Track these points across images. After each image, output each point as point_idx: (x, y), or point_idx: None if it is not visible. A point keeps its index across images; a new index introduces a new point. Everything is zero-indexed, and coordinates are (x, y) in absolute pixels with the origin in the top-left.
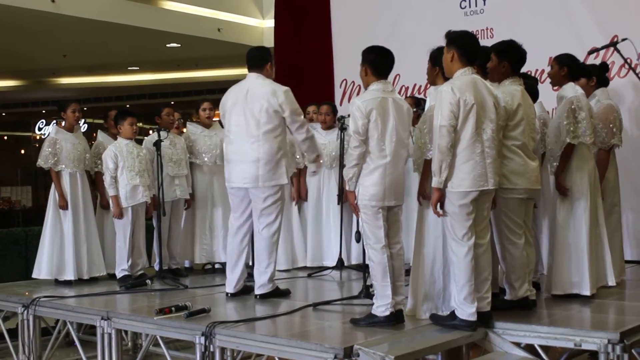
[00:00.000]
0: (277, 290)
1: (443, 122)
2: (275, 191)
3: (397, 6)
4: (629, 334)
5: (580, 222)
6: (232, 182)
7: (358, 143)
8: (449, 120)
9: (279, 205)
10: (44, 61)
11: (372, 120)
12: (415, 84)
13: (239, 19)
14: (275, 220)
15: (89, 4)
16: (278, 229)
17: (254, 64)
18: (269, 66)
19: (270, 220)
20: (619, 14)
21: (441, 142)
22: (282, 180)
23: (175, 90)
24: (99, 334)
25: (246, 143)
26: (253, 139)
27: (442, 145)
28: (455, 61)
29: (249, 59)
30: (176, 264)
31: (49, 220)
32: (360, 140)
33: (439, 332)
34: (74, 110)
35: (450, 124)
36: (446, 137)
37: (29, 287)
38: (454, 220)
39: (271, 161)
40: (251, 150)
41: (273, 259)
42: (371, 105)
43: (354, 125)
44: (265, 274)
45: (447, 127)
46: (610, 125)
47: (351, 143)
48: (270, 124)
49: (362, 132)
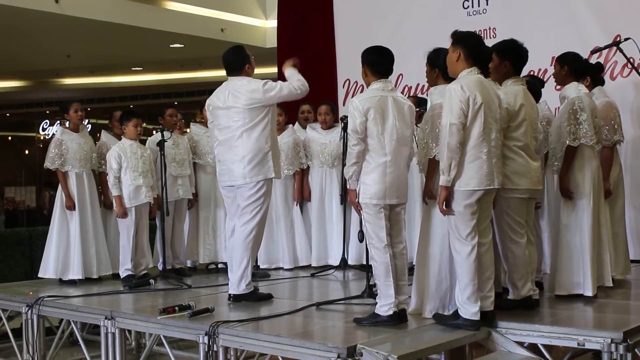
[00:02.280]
0: (255, 293)
1: (453, 120)
2: (258, 189)
3: (400, 6)
4: (632, 334)
5: (582, 222)
6: (221, 181)
7: (356, 141)
8: (459, 118)
9: (259, 205)
10: (48, 62)
11: (370, 118)
12: (418, 83)
13: (242, 20)
14: (251, 220)
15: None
16: (254, 229)
17: (232, 69)
18: (248, 67)
19: (246, 220)
20: (621, 13)
21: (451, 141)
22: (270, 174)
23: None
24: (102, 333)
25: (232, 142)
26: (238, 137)
27: (451, 143)
28: (461, 61)
29: (226, 65)
30: (180, 264)
31: (55, 220)
32: (358, 138)
33: (442, 331)
34: (76, 110)
35: (461, 121)
36: (456, 135)
37: (33, 286)
38: (458, 220)
39: (256, 157)
40: (237, 149)
41: (246, 259)
42: (369, 104)
43: (352, 124)
44: (235, 272)
45: (457, 125)
46: (612, 122)
47: (350, 141)
48: (253, 121)
49: (359, 130)
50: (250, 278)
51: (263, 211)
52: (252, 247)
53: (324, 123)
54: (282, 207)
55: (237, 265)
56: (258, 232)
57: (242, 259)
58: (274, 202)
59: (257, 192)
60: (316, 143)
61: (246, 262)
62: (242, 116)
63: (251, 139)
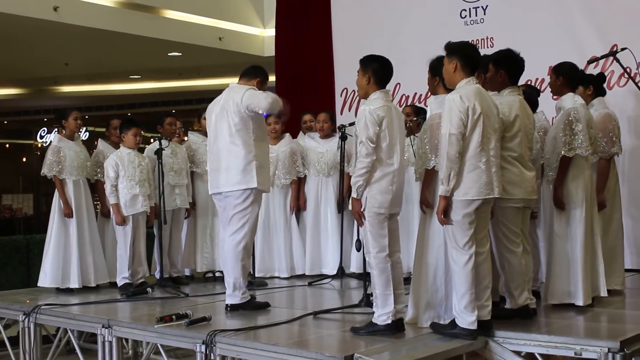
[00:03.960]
0: (252, 302)
1: (452, 130)
2: (244, 198)
3: (398, 15)
4: (629, 343)
5: (575, 232)
6: (210, 189)
7: (371, 150)
8: (458, 129)
9: (247, 215)
10: (46, 69)
11: (383, 128)
12: (415, 92)
13: (240, 28)
14: (240, 229)
15: (91, 13)
16: (243, 239)
17: (244, 74)
18: (257, 82)
19: (234, 229)
20: (618, 23)
21: (450, 150)
22: (251, 184)
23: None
24: (99, 342)
25: (219, 150)
26: (223, 145)
27: (451, 153)
28: (459, 71)
29: (244, 70)
30: (177, 272)
31: (53, 228)
32: (373, 147)
33: (440, 340)
34: (76, 118)
35: (460, 131)
36: (455, 145)
37: (30, 294)
38: (456, 229)
39: (239, 166)
40: (222, 157)
41: (238, 268)
42: (383, 113)
43: (366, 133)
44: (229, 283)
45: (457, 135)
46: (610, 134)
47: (362, 151)
48: (241, 129)
49: (374, 140)
50: (245, 287)
51: (251, 221)
52: (242, 256)
53: (321, 130)
54: (279, 216)
55: (229, 276)
56: (248, 241)
57: (233, 269)
58: (272, 211)
59: (244, 201)
60: (313, 152)
61: (238, 272)
62: (229, 121)
63: (235, 147)
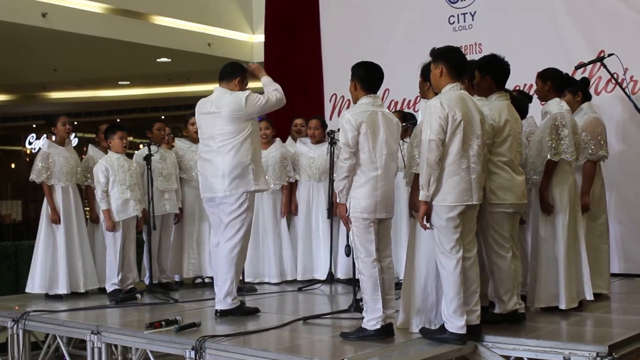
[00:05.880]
0: (242, 307)
1: (432, 136)
2: (240, 203)
3: (387, 21)
4: (617, 347)
5: (558, 236)
6: (203, 194)
7: (348, 155)
8: (438, 135)
9: (242, 220)
10: (35, 75)
11: (362, 133)
12: (404, 98)
13: (229, 34)
14: (235, 235)
15: (80, 19)
16: (238, 244)
17: (223, 76)
18: (237, 81)
19: (230, 235)
20: (605, 29)
21: (430, 156)
22: (251, 187)
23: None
24: (89, 348)
25: (213, 155)
26: (218, 150)
27: (430, 159)
28: (444, 76)
29: (220, 72)
30: (166, 278)
31: (41, 234)
32: (350, 152)
33: (429, 345)
34: (64, 123)
35: (439, 138)
36: (435, 151)
37: (18, 301)
38: (441, 234)
39: (236, 170)
40: (218, 162)
41: (231, 274)
42: (361, 118)
43: (344, 138)
44: (221, 288)
45: (436, 141)
46: (599, 137)
47: (341, 155)
48: (234, 133)
49: (352, 144)
50: (235, 293)
51: (246, 226)
52: (236, 262)
53: (313, 137)
54: (269, 221)
55: (222, 281)
56: (242, 246)
57: (226, 274)
58: (262, 216)
59: (240, 206)
60: (304, 157)
61: (231, 278)
62: (223, 127)
63: (232, 152)
